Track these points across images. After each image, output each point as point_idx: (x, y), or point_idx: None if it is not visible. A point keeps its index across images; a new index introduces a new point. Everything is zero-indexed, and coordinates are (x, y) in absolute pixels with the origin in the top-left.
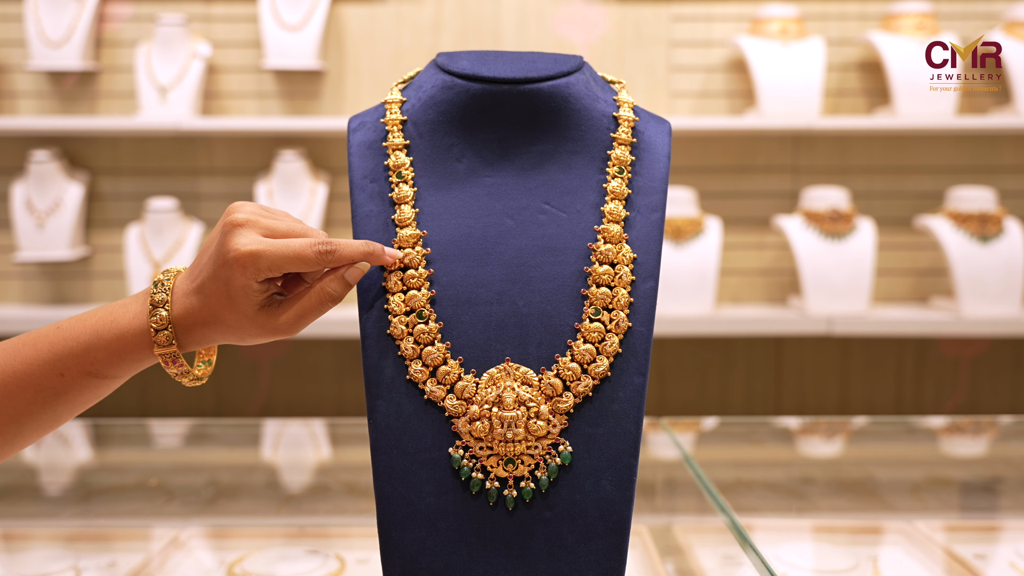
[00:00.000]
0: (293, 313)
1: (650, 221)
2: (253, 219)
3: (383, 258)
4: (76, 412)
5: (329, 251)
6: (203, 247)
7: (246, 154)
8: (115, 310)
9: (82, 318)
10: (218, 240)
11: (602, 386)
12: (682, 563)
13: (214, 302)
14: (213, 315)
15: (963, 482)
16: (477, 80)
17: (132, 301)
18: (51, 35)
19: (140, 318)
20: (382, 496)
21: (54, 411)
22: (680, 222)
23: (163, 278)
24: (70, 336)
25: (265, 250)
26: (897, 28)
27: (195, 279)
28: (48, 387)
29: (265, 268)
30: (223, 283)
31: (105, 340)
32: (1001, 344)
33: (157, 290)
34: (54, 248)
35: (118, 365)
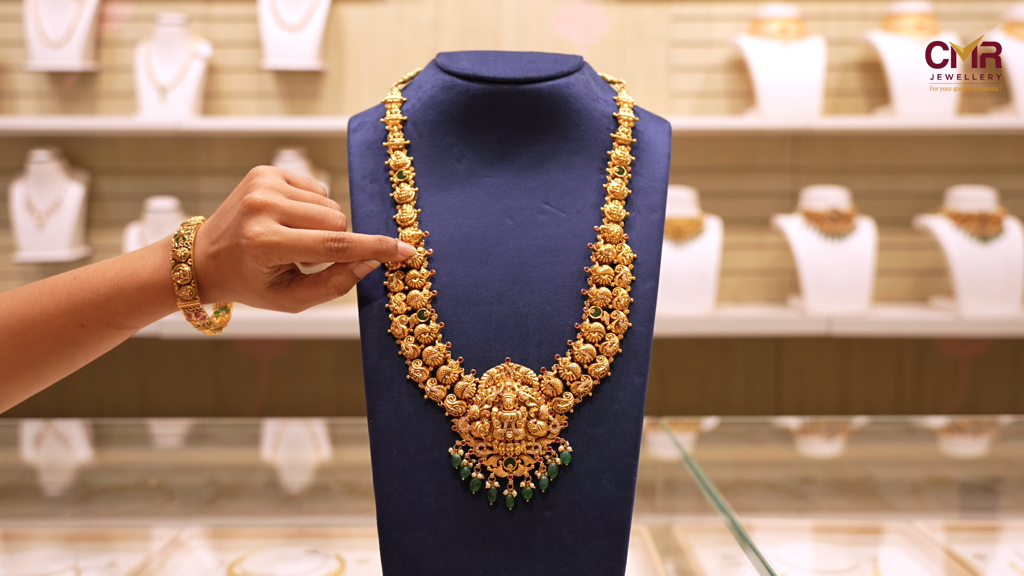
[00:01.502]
0: (299, 297)
1: (650, 221)
2: (271, 201)
3: (395, 255)
4: (91, 358)
5: (340, 248)
6: (224, 207)
7: (246, 154)
8: (134, 262)
9: (100, 269)
10: (235, 216)
11: (602, 386)
12: (682, 563)
13: (227, 271)
14: (226, 282)
15: (963, 482)
16: (477, 80)
17: (151, 252)
18: (51, 35)
19: (161, 271)
20: (382, 496)
21: (72, 359)
22: (680, 222)
23: (184, 231)
24: (89, 288)
25: (278, 242)
26: (897, 28)
27: (213, 242)
28: (68, 337)
29: (276, 259)
30: (236, 260)
31: (126, 293)
32: (1001, 344)
33: (179, 244)
34: (54, 248)
35: (138, 317)
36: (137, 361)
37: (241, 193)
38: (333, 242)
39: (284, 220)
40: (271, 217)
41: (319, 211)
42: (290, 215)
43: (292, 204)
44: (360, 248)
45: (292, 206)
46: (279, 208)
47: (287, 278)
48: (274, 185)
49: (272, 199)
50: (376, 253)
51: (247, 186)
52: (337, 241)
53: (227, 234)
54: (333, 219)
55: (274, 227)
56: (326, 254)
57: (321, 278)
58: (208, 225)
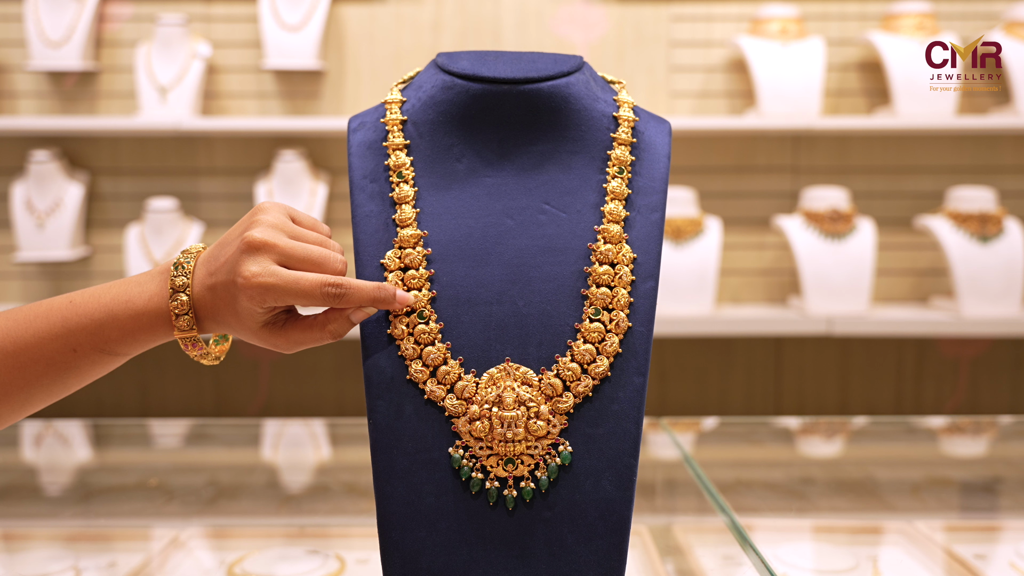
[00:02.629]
0: (293, 339)
1: (650, 221)
2: (271, 241)
3: (393, 304)
4: (84, 383)
5: (338, 295)
6: (225, 238)
7: (246, 154)
8: (130, 288)
9: (95, 294)
10: (234, 252)
11: (602, 386)
12: (682, 563)
13: (222, 306)
14: (220, 316)
15: (963, 482)
16: (477, 80)
17: (148, 280)
18: (51, 35)
19: (156, 300)
20: (382, 496)
21: (64, 383)
22: (680, 222)
23: (183, 259)
24: (83, 313)
25: (274, 284)
26: (897, 28)
27: (211, 274)
28: (60, 361)
29: (271, 301)
30: (231, 297)
31: (120, 320)
32: (1001, 344)
33: (177, 273)
34: (54, 248)
35: (131, 344)
36: (137, 361)
37: (243, 228)
38: (331, 287)
39: (283, 261)
40: (269, 258)
41: (319, 254)
42: (289, 256)
43: (292, 245)
44: (358, 295)
45: (292, 247)
46: (278, 249)
47: (282, 318)
48: (277, 223)
49: (272, 239)
50: (374, 301)
51: (250, 222)
52: (335, 287)
53: (224, 268)
54: (333, 263)
55: (271, 268)
56: (323, 299)
57: (317, 322)
58: (207, 255)
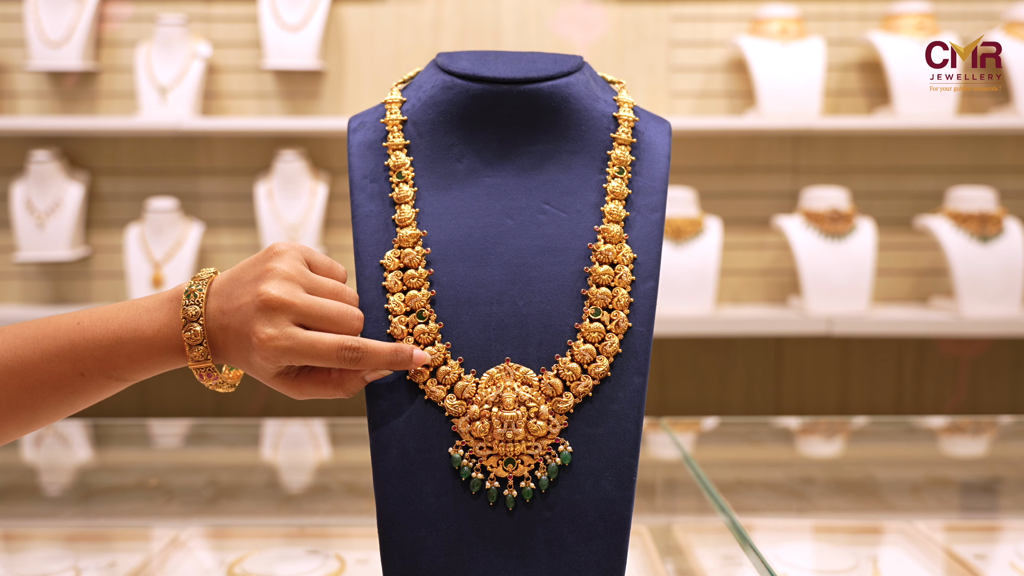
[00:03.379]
0: (304, 391)
1: (650, 221)
2: (288, 300)
3: (409, 365)
4: (91, 404)
5: (355, 358)
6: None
7: (246, 154)
8: (139, 316)
9: (104, 318)
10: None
11: (602, 386)
12: (682, 563)
13: (234, 351)
14: (230, 357)
15: (963, 482)
16: (477, 80)
17: (157, 307)
18: (51, 35)
19: (165, 331)
20: (382, 496)
21: (71, 404)
22: (680, 222)
23: (195, 287)
24: (92, 338)
25: (291, 348)
26: (897, 28)
27: (225, 313)
28: (67, 384)
29: (286, 362)
30: (244, 347)
31: (128, 348)
32: (1001, 344)
33: (190, 302)
34: (54, 248)
35: (139, 371)
36: None
37: (258, 271)
38: (348, 351)
39: (300, 321)
40: (286, 318)
41: (337, 312)
42: (306, 316)
43: (309, 304)
44: (375, 358)
45: (309, 306)
46: (295, 308)
47: (294, 370)
48: (293, 274)
49: (289, 297)
50: (390, 364)
51: (264, 268)
52: (352, 351)
53: (238, 317)
54: (351, 320)
55: (288, 331)
56: (339, 363)
57: (332, 379)
58: (220, 288)
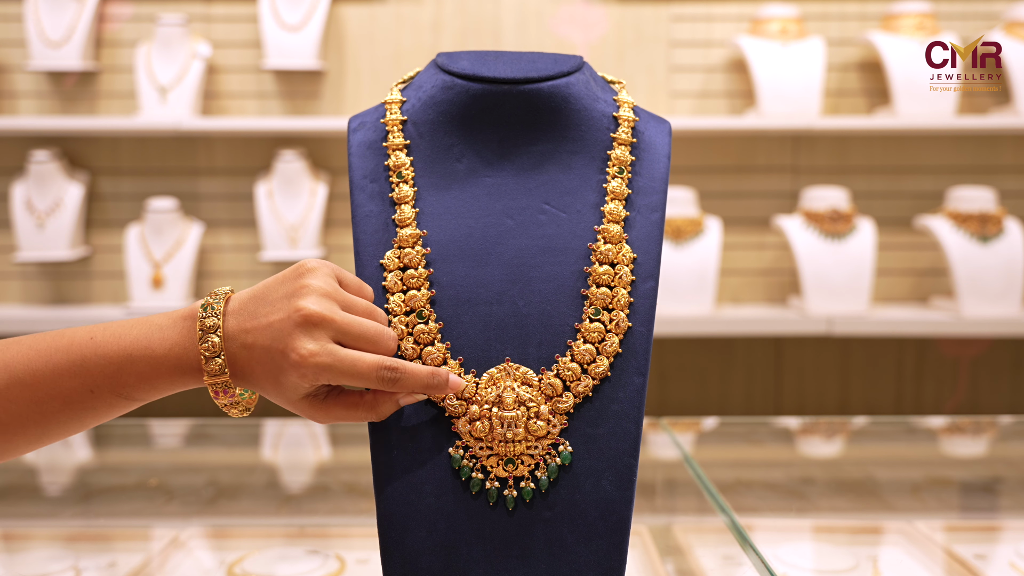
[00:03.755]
0: (333, 415)
1: (650, 221)
2: (328, 316)
3: (445, 390)
4: (100, 422)
5: (393, 380)
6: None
7: (246, 154)
8: (151, 333)
9: (117, 334)
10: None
11: (602, 386)
12: (682, 563)
13: (259, 372)
14: (253, 380)
15: (963, 482)
16: (477, 80)
17: (169, 325)
18: (51, 35)
19: (177, 349)
20: (382, 496)
21: (81, 421)
22: (680, 222)
23: (212, 301)
24: (103, 354)
25: (332, 365)
26: (897, 28)
27: (249, 332)
28: (77, 401)
29: (324, 380)
30: (275, 368)
31: (138, 366)
32: (1001, 344)
33: (207, 314)
34: (54, 248)
35: (148, 391)
36: None
37: (289, 290)
38: (387, 371)
39: (339, 338)
40: (327, 335)
41: (375, 331)
42: (346, 334)
43: (349, 322)
44: (412, 380)
45: (349, 324)
46: (336, 325)
47: (324, 391)
48: (329, 292)
49: (329, 313)
50: (427, 387)
51: (299, 284)
52: (391, 371)
53: (269, 334)
54: (388, 340)
55: (329, 348)
56: (377, 382)
57: (364, 402)
58: (242, 307)
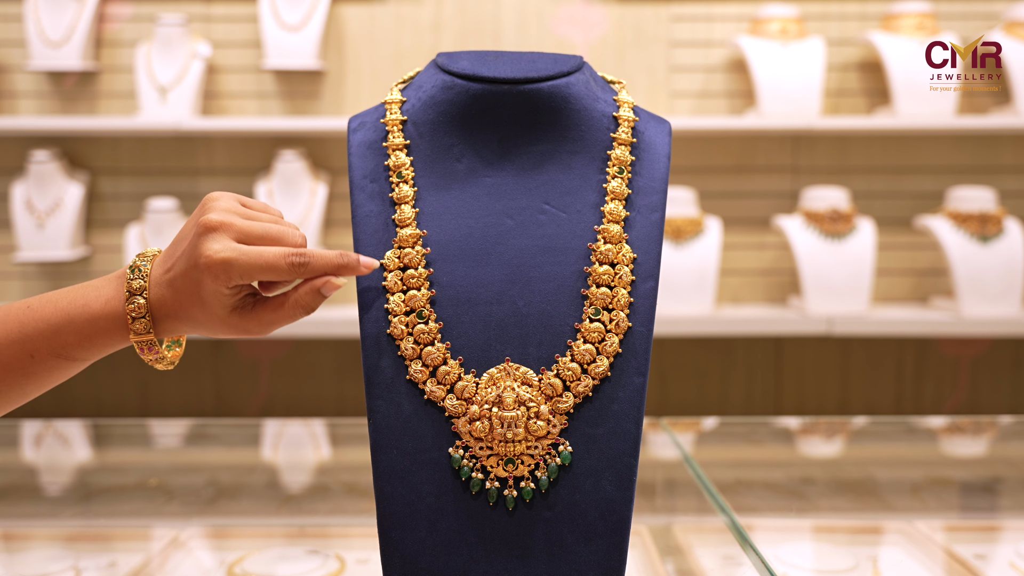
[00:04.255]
0: (264, 320)
1: (650, 221)
2: (228, 221)
3: (358, 268)
4: (43, 390)
5: (302, 263)
6: (179, 235)
7: (246, 154)
8: (87, 292)
9: (53, 299)
10: (191, 239)
11: (602, 386)
12: (682, 563)
13: (185, 299)
14: (184, 311)
15: (963, 482)
16: (477, 80)
17: (105, 284)
18: (51, 35)
19: (113, 303)
20: (382, 496)
21: (22, 390)
22: (680, 222)
23: (139, 263)
24: (40, 317)
25: (237, 259)
26: (897, 28)
27: (168, 270)
28: (17, 367)
29: (236, 277)
30: (194, 284)
31: (77, 324)
32: (1001, 344)
33: (134, 276)
34: (54, 248)
35: (88, 349)
36: (137, 361)
37: (195, 218)
38: (295, 256)
39: (242, 239)
40: (228, 236)
41: (277, 230)
42: (248, 234)
43: (250, 224)
44: (322, 262)
45: (250, 225)
46: (236, 227)
47: (250, 301)
48: (229, 207)
49: (228, 219)
50: (339, 268)
51: (202, 210)
52: (299, 255)
53: (183, 258)
54: (293, 237)
55: (232, 244)
56: (288, 269)
57: (287, 298)
58: (163, 255)
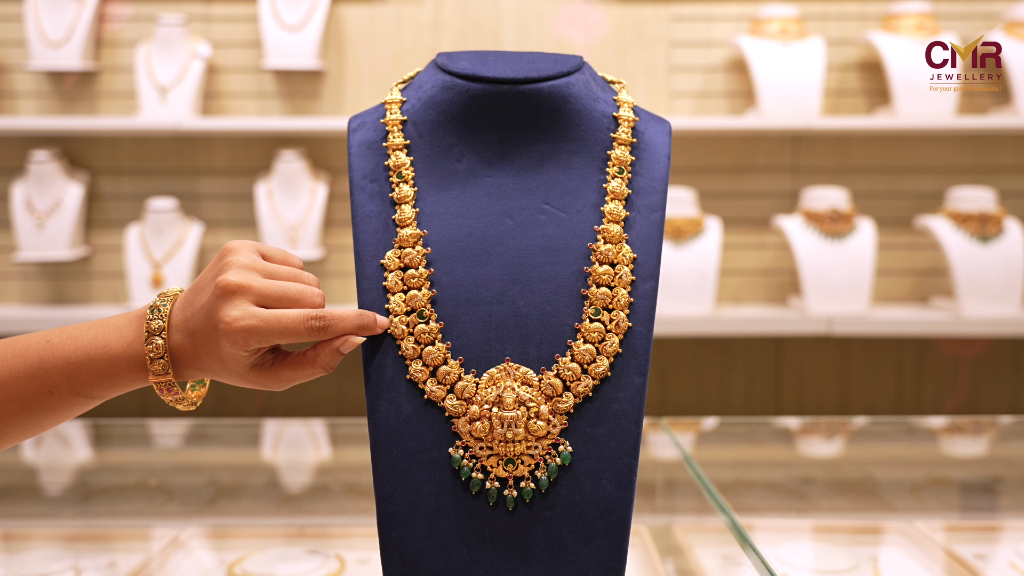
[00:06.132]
0: (283, 378)
1: (650, 221)
2: (246, 284)
3: (374, 328)
4: (59, 423)
5: (321, 327)
6: (199, 282)
7: (246, 154)
8: (108, 332)
9: (74, 336)
10: (209, 299)
11: (602, 386)
12: (682, 563)
13: (203, 353)
14: (202, 363)
15: (963, 482)
16: (477, 80)
17: (126, 324)
18: (51, 35)
19: (134, 346)
20: (382, 496)
21: (39, 423)
22: (680, 222)
23: (159, 303)
24: (61, 355)
25: (256, 326)
26: (897, 28)
27: (188, 319)
28: (36, 402)
29: (255, 342)
30: (213, 342)
31: (97, 365)
32: (1001, 344)
33: (153, 316)
34: (54, 248)
35: (108, 388)
36: None
37: (215, 272)
38: (314, 320)
39: (260, 302)
40: (247, 300)
41: (296, 290)
42: (266, 297)
43: (268, 285)
44: (341, 324)
45: (268, 287)
46: (254, 290)
47: (269, 358)
48: (248, 264)
49: (247, 280)
50: (358, 328)
51: (220, 265)
52: (318, 319)
53: (200, 314)
54: (311, 297)
55: (251, 310)
56: (307, 334)
57: (307, 358)
58: (183, 300)
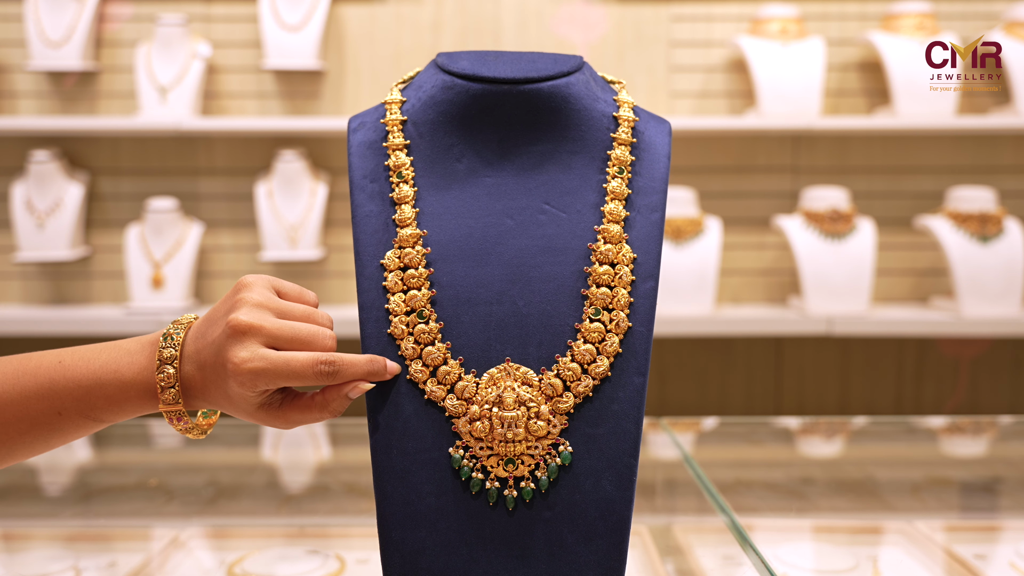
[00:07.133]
0: (291, 419)
1: (650, 221)
2: (257, 324)
3: (384, 375)
4: (66, 443)
5: (330, 372)
6: (212, 314)
7: (246, 154)
8: (120, 357)
9: (86, 358)
10: (219, 337)
11: (602, 386)
12: (682, 563)
13: (213, 389)
14: (211, 397)
15: (963, 482)
16: (477, 80)
17: (138, 350)
18: (51, 35)
19: (145, 373)
20: (382, 496)
21: (47, 442)
22: (680, 222)
23: (173, 331)
24: (71, 377)
25: (264, 369)
26: (897, 28)
27: (199, 351)
28: (44, 422)
29: (263, 385)
30: (222, 379)
31: (107, 390)
32: (1001, 344)
33: (166, 344)
34: (54, 248)
35: (117, 413)
36: None
37: (228, 306)
38: (323, 366)
39: (271, 343)
40: (257, 341)
41: (308, 332)
42: (277, 338)
43: (280, 326)
44: (351, 370)
45: (279, 328)
46: (265, 331)
47: (278, 398)
48: (262, 302)
49: (258, 321)
50: (368, 374)
51: (234, 300)
52: (328, 364)
53: (211, 350)
54: (323, 340)
55: (260, 352)
56: (316, 378)
57: (315, 402)
58: (196, 330)
